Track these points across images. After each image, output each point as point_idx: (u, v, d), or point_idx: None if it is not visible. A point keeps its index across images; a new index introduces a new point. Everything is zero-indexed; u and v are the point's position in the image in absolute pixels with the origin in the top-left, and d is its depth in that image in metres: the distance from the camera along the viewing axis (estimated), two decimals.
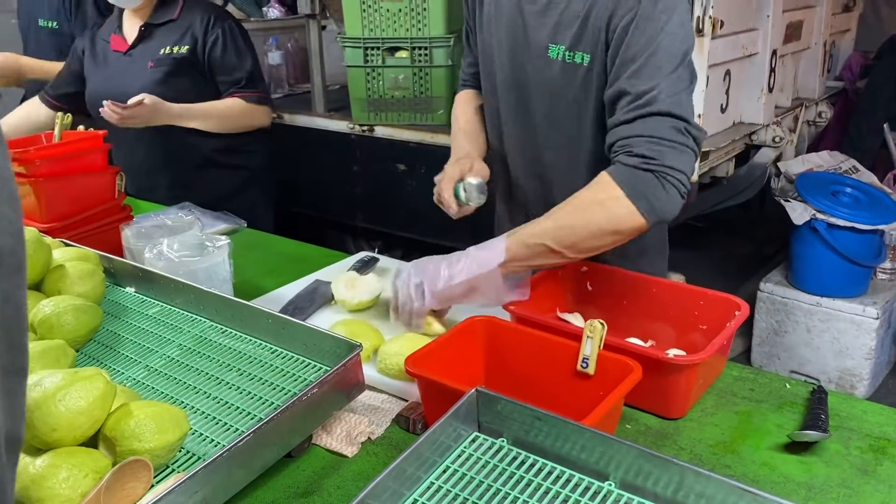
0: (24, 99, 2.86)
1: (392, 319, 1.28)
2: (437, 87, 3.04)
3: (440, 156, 2.99)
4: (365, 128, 3.18)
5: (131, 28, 2.25)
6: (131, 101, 2.00)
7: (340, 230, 3.58)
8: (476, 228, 2.97)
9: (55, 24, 2.64)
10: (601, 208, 1.19)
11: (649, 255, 1.50)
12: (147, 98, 2.02)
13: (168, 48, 2.18)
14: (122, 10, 2.26)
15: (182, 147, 2.23)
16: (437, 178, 1.48)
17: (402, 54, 3.04)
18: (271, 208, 2.54)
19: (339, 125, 3.27)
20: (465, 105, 1.66)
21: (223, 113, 2.20)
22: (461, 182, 1.42)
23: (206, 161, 2.29)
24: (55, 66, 2.59)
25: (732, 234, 3.79)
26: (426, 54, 2.99)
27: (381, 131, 3.15)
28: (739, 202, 3.02)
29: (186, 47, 2.17)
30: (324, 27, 3.46)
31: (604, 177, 1.20)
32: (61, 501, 0.84)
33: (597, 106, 1.33)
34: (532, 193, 1.53)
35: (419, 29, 2.97)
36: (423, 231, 3.20)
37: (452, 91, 3.10)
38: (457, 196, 1.42)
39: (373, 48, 3.03)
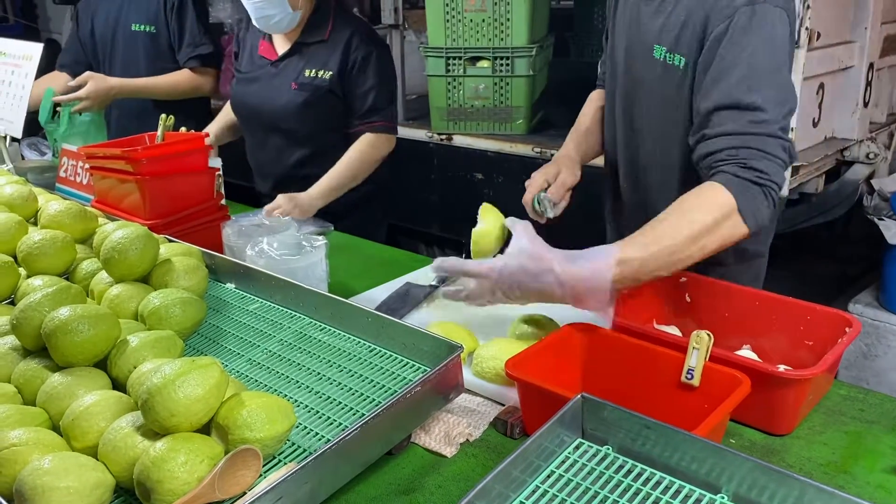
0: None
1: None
2: (517, 97, 3.05)
3: (518, 166, 3.02)
4: (443, 136, 3.21)
5: (280, 39, 2.18)
6: (268, 208, 1.89)
7: (414, 237, 3.62)
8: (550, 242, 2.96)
9: (153, 28, 2.74)
10: (718, 231, 1.16)
11: (746, 261, 1.52)
12: (283, 206, 1.90)
13: (313, 70, 2.11)
14: None
15: (311, 167, 2.18)
16: (527, 182, 1.57)
17: (484, 64, 3.06)
18: (385, 226, 2.46)
19: (417, 133, 3.31)
20: (589, 104, 1.72)
21: (357, 163, 2.10)
22: (541, 192, 1.54)
23: None
24: (147, 84, 2.65)
25: (815, 253, 3.67)
26: (508, 64, 3.00)
27: (459, 140, 3.17)
28: (828, 220, 2.92)
29: (330, 73, 2.09)
30: (403, 37, 3.51)
31: (718, 191, 1.18)
32: (179, 484, 0.87)
33: (687, 110, 1.36)
34: (630, 194, 1.57)
35: (501, 39, 2.98)
36: None
37: (532, 101, 3.11)
38: (535, 205, 1.54)
39: (455, 58, 3.06)
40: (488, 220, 1.37)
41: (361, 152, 2.11)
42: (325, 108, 2.13)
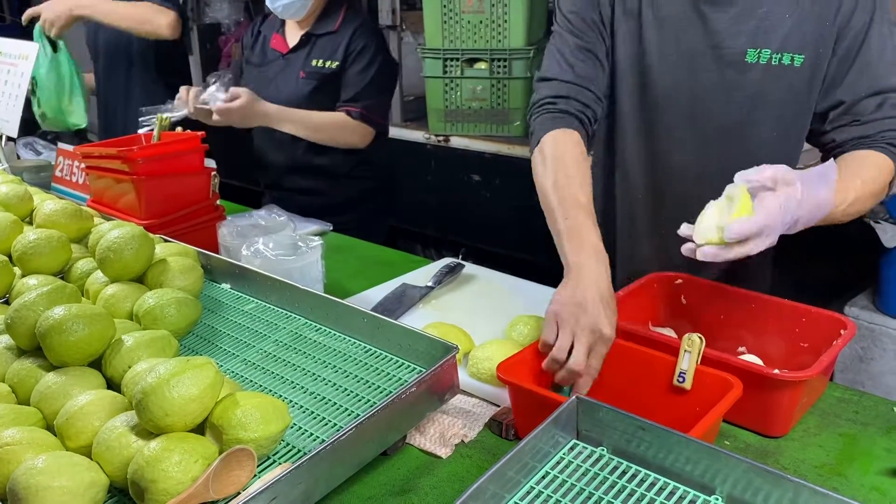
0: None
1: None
2: (514, 99, 3.06)
3: (516, 167, 3.02)
4: (441, 138, 3.21)
5: (292, 32, 2.25)
6: (225, 97, 2.00)
7: (411, 238, 3.62)
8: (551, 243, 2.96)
9: None
10: (887, 189, 1.29)
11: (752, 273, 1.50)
12: (243, 96, 2.01)
13: (321, 61, 2.18)
14: None
15: (319, 156, 2.25)
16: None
17: (481, 65, 3.06)
18: (385, 224, 2.49)
19: (414, 135, 3.31)
20: (571, 152, 1.31)
21: (318, 124, 2.16)
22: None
23: (334, 169, 2.27)
24: (103, 4, 2.54)
25: (811, 256, 3.67)
26: (505, 66, 3.01)
27: (456, 142, 3.18)
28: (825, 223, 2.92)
29: (337, 63, 2.17)
30: (401, 38, 3.51)
31: (886, 158, 1.28)
32: (173, 484, 0.87)
33: (807, 105, 1.37)
34: (697, 205, 1.22)
35: (499, 41, 2.99)
36: (495, 242, 3.20)
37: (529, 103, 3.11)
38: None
39: (452, 59, 3.07)
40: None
41: (329, 119, 2.16)
42: (330, 98, 2.18)
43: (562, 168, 1.27)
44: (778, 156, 1.37)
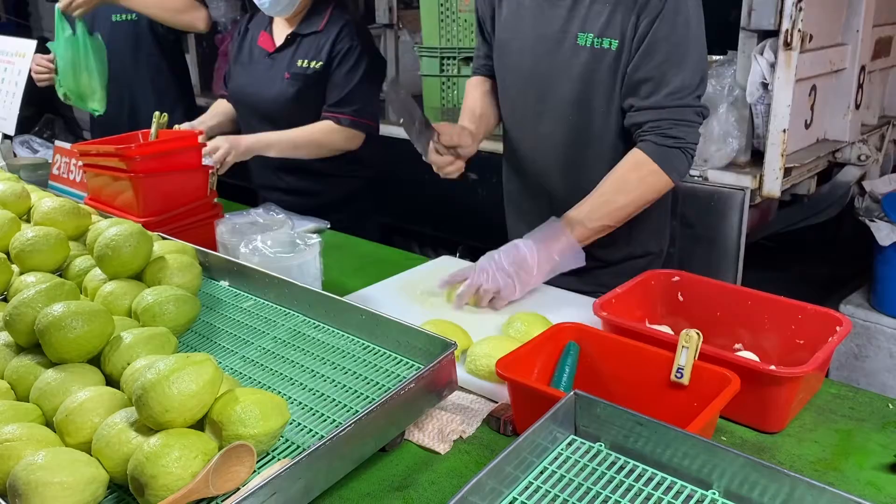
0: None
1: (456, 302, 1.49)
2: None
3: None
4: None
5: (280, 30, 2.22)
6: (206, 150, 1.92)
7: (408, 236, 3.62)
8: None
9: (133, 15, 2.70)
10: (645, 185, 1.48)
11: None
12: (222, 146, 1.96)
13: (305, 61, 2.14)
14: None
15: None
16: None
17: None
18: (376, 222, 2.47)
19: None
20: (475, 90, 1.82)
21: (301, 141, 2.11)
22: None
23: (324, 168, 2.24)
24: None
25: (807, 254, 3.69)
26: None
27: None
28: (820, 221, 2.94)
29: (321, 63, 2.12)
30: (397, 37, 3.51)
31: (640, 156, 1.47)
32: (173, 479, 0.87)
33: (620, 85, 1.51)
34: (556, 174, 1.67)
35: None
36: (492, 240, 3.20)
37: None
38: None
39: (449, 58, 3.07)
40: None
41: (312, 132, 2.14)
42: (315, 98, 2.15)
43: (465, 100, 1.84)
44: (608, 131, 1.55)
